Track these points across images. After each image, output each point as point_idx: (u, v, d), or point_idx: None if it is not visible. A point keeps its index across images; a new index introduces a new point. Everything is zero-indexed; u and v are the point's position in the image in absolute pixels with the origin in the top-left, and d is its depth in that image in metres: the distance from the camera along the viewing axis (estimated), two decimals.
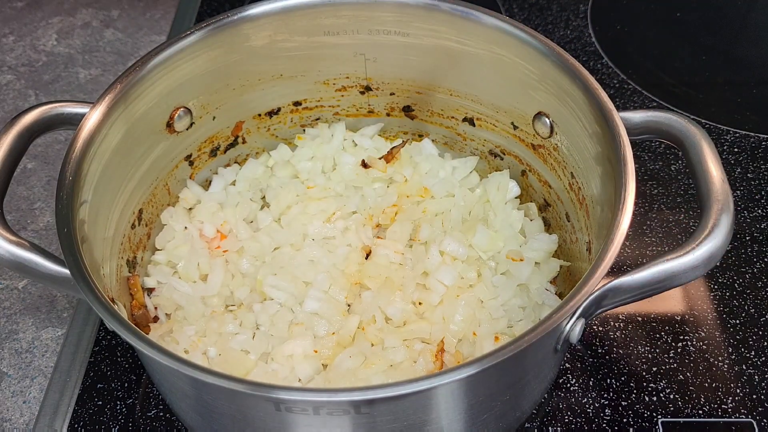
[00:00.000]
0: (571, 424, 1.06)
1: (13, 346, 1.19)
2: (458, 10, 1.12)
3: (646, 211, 1.33)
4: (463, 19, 1.13)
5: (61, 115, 1.04)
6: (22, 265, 0.91)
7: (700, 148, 0.95)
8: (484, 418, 0.90)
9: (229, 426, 0.89)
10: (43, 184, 1.43)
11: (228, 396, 0.82)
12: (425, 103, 1.28)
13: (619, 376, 1.11)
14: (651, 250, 1.27)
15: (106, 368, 1.13)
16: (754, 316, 1.18)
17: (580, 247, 1.11)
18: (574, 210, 1.12)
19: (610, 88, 1.55)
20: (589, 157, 1.05)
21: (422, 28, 1.16)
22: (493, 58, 1.14)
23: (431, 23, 1.15)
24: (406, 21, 1.16)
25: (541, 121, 1.14)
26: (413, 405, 0.81)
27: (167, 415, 1.07)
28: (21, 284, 1.28)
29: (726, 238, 0.87)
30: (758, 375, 1.11)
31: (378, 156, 1.27)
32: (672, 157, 1.41)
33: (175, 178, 1.21)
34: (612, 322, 1.17)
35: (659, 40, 1.69)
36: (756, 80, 1.59)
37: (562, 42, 1.66)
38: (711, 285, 1.22)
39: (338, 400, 0.75)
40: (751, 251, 1.27)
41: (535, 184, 1.22)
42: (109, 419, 1.07)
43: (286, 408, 0.78)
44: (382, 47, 1.21)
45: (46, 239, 1.34)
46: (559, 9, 1.76)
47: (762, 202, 1.34)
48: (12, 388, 1.14)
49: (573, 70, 1.04)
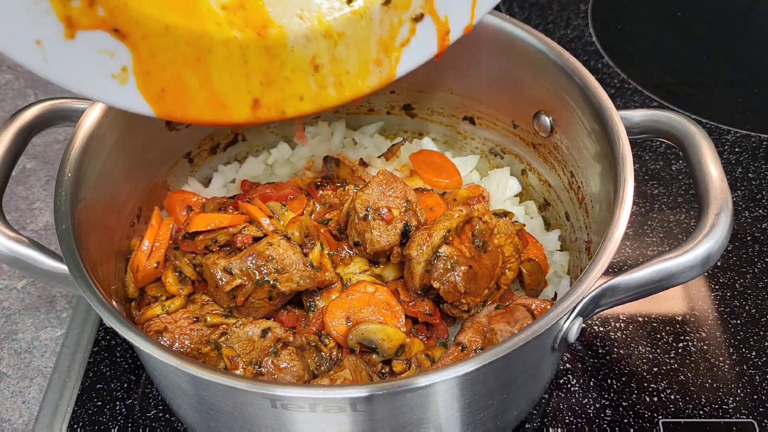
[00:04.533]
0: (572, 425, 1.05)
1: (13, 347, 1.19)
2: None
3: (647, 210, 1.33)
4: None
5: (61, 112, 1.04)
6: (20, 261, 0.92)
7: (700, 148, 0.95)
8: (481, 416, 0.90)
9: (227, 423, 0.89)
10: (43, 183, 1.43)
11: (225, 393, 0.82)
12: (425, 102, 1.28)
13: (619, 377, 1.11)
14: (652, 250, 1.26)
15: (106, 368, 1.13)
16: (755, 317, 1.18)
17: (579, 246, 1.11)
18: (574, 209, 1.12)
19: (610, 88, 1.55)
20: (589, 156, 1.05)
21: None
22: (493, 57, 1.14)
23: None
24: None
25: (541, 120, 1.14)
26: (410, 402, 0.81)
27: (166, 416, 1.07)
28: (20, 284, 1.28)
29: (724, 237, 0.87)
30: (759, 375, 1.10)
31: (378, 154, 1.27)
32: (673, 157, 1.41)
33: (174, 175, 1.21)
34: (613, 322, 1.17)
35: (660, 40, 1.69)
36: (757, 80, 1.59)
37: (562, 41, 1.65)
38: (712, 285, 1.22)
39: (334, 397, 0.75)
40: (752, 251, 1.26)
41: (535, 182, 1.22)
42: (109, 419, 1.07)
43: (282, 405, 0.78)
44: None
45: (45, 239, 1.34)
46: (560, 8, 1.76)
47: (763, 202, 1.34)
48: (11, 389, 1.14)
49: (573, 69, 1.04)
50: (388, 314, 1.00)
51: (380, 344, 0.97)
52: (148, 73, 0.82)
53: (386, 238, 1.02)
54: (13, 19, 0.73)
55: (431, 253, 0.98)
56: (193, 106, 0.87)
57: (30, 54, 0.76)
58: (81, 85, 0.81)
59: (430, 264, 0.98)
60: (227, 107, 0.89)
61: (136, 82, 0.82)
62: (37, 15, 0.74)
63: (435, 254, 0.98)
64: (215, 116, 0.89)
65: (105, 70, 0.80)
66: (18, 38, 0.74)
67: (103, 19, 0.77)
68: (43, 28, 0.75)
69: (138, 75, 0.82)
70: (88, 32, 0.77)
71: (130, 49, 0.80)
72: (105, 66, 0.80)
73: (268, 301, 0.99)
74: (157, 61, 0.82)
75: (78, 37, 0.77)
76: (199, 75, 0.86)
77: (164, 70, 0.83)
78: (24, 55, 0.76)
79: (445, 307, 1.01)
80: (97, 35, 0.78)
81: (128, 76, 0.82)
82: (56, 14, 0.75)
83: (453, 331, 1.05)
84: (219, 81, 0.87)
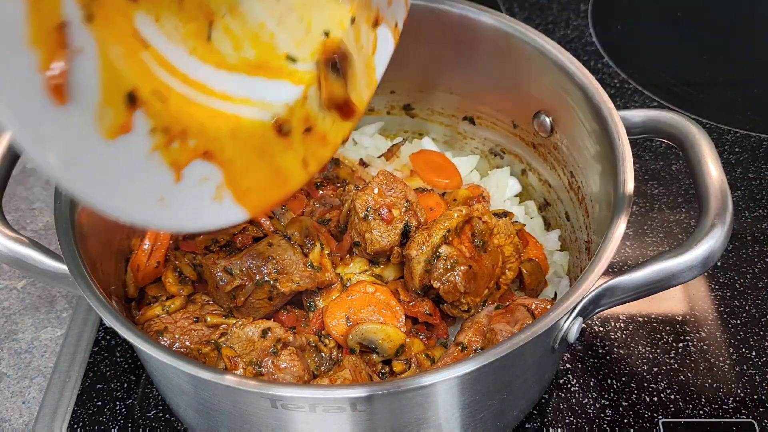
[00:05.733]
0: (572, 425, 1.05)
1: (13, 347, 1.19)
2: (458, 9, 1.12)
3: (647, 211, 1.33)
4: (463, 18, 1.13)
5: None
6: (20, 261, 0.92)
7: (700, 148, 0.95)
8: (481, 416, 0.90)
9: (227, 423, 0.89)
10: (43, 184, 1.43)
11: (225, 393, 0.82)
12: (425, 102, 1.28)
13: (619, 377, 1.11)
14: (652, 250, 1.26)
15: (106, 369, 1.13)
16: (755, 317, 1.17)
17: (579, 246, 1.11)
18: (574, 209, 1.12)
19: (610, 88, 1.54)
20: (589, 156, 1.05)
21: (423, 26, 1.16)
22: (493, 56, 1.14)
23: (432, 22, 1.15)
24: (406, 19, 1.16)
25: (541, 119, 1.14)
26: (410, 402, 0.81)
27: (166, 416, 1.07)
28: (20, 284, 1.28)
29: (724, 238, 0.87)
30: (759, 375, 1.10)
31: (378, 155, 1.27)
32: (673, 157, 1.41)
33: None
34: (613, 322, 1.17)
35: (660, 40, 1.69)
36: (757, 80, 1.59)
37: (562, 41, 1.65)
38: (712, 285, 1.22)
39: (334, 397, 0.75)
40: (752, 251, 1.26)
41: (535, 183, 1.22)
42: (109, 420, 1.07)
43: (282, 405, 0.78)
44: None
45: (45, 239, 1.33)
46: (560, 8, 1.76)
47: (763, 202, 1.34)
48: (11, 389, 1.14)
49: (573, 69, 1.04)
50: (388, 314, 1.00)
51: (380, 344, 0.97)
52: (234, 181, 0.83)
53: (386, 238, 1.03)
54: (138, 188, 0.72)
55: (431, 253, 0.98)
56: (270, 192, 0.89)
57: (158, 213, 0.75)
58: (198, 222, 0.81)
59: (429, 264, 0.98)
60: (288, 179, 0.91)
61: (231, 194, 0.83)
62: (154, 172, 0.73)
63: (435, 254, 0.98)
64: (284, 192, 0.91)
65: (208, 196, 0.80)
66: (144, 204, 0.73)
67: (194, 147, 0.77)
68: (161, 183, 0.74)
69: (230, 186, 0.83)
70: (189, 167, 0.77)
71: (219, 166, 0.80)
72: (207, 193, 0.80)
73: (268, 301, 0.99)
74: (238, 166, 0.83)
75: (183, 176, 0.76)
76: (267, 162, 0.87)
77: (245, 170, 0.84)
78: (154, 217, 0.75)
79: (445, 307, 1.01)
80: (194, 166, 0.77)
81: (223, 193, 0.82)
82: (165, 162, 0.74)
83: (453, 331, 1.05)
84: (281, 159, 0.89)
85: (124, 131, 0.69)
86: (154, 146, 0.72)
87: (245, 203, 0.85)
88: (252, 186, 0.86)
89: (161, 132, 0.73)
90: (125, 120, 0.69)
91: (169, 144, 0.74)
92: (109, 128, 0.67)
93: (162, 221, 0.76)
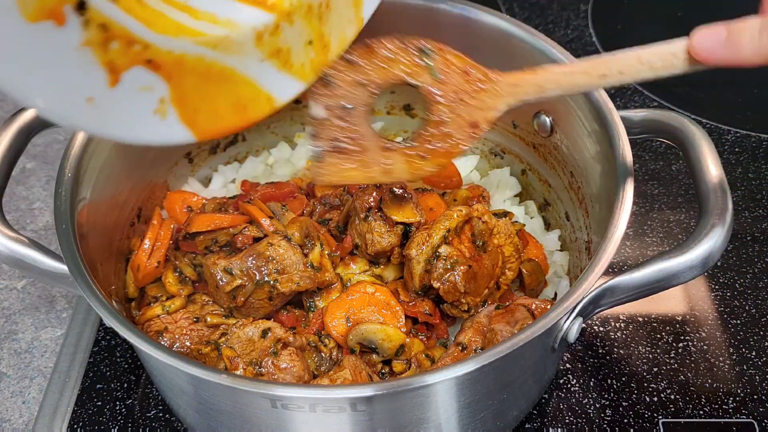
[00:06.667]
0: (572, 425, 1.05)
1: (13, 347, 1.19)
2: (458, 9, 1.12)
3: (647, 211, 1.33)
4: (463, 18, 1.13)
5: None
6: (20, 261, 0.92)
7: (700, 148, 0.95)
8: (481, 416, 0.90)
9: (227, 423, 0.89)
10: (43, 184, 1.43)
11: (225, 393, 0.82)
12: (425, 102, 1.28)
13: (619, 377, 1.11)
14: (652, 250, 1.26)
15: (106, 369, 1.13)
16: (755, 317, 1.17)
17: (579, 246, 1.11)
18: (574, 209, 1.12)
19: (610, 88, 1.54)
20: (589, 156, 1.05)
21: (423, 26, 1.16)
22: (493, 56, 1.14)
23: (432, 22, 1.15)
24: (406, 20, 1.16)
25: (541, 120, 1.14)
26: (410, 402, 0.81)
27: (166, 416, 1.07)
28: (20, 284, 1.28)
29: (724, 238, 0.87)
30: (759, 375, 1.10)
31: None
32: (673, 157, 1.41)
33: (174, 175, 1.21)
34: (613, 322, 1.17)
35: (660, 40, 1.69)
36: (757, 80, 1.58)
37: (562, 41, 1.65)
38: (712, 285, 1.22)
39: (334, 397, 0.75)
40: (752, 251, 1.26)
41: (535, 183, 1.22)
42: (109, 420, 1.07)
43: (282, 405, 0.78)
44: None
45: (45, 239, 1.34)
46: (560, 8, 1.76)
47: (763, 202, 1.34)
48: (11, 389, 1.14)
49: None
50: (388, 314, 1.00)
51: (380, 344, 0.97)
52: (182, 99, 0.79)
53: (387, 239, 1.03)
54: (61, 82, 0.68)
55: (431, 253, 0.98)
56: (224, 119, 0.85)
57: (86, 115, 0.71)
58: (133, 133, 0.77)
59: (429, 264, 0.98)
60: (247, 108, 0.87)
61: (176, 111, 0.79)
62: (84, 69, 0.69)
63: (435, 254, 0.98)
64: (241, 121, 0.87)
65: (147, 108, 0.76)
66: (70, 101, 0.69)
67: (138, 52, 0.72)
68: (91, 82, 0.70)
69: (176, 103, 0.79)
70: (128, 72, 0.72)
71: (165, 79, 0.76)
72: (147, 105, 0.76)
73: (268, 301, 0.99)
74: (188, 84, 0.79)
75: (120, 81, 0.72)
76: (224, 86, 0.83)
77: (196, 90, 0.80)
78: (80, 118, 0.71)
79: (445, 307, 1.01)
80: (135, 73, 0.73)
81: (167, 108, 0.78)
82: (99, 62, 0.69)
83: (453, 331, 1.05)
84: (242, 86, 0.85)
85: (52, 18, 0.64)
86: (86, 41, 0.67)
87: (191, 125, 0.81)
88: (202, 108, 0.81)
89: (98, 27, 0.67)
90: (54, 4, 0.63)
91: (107, 43, 0.69)
92: (33, 10, 0.62)
93: (90, 124, 0.72)
